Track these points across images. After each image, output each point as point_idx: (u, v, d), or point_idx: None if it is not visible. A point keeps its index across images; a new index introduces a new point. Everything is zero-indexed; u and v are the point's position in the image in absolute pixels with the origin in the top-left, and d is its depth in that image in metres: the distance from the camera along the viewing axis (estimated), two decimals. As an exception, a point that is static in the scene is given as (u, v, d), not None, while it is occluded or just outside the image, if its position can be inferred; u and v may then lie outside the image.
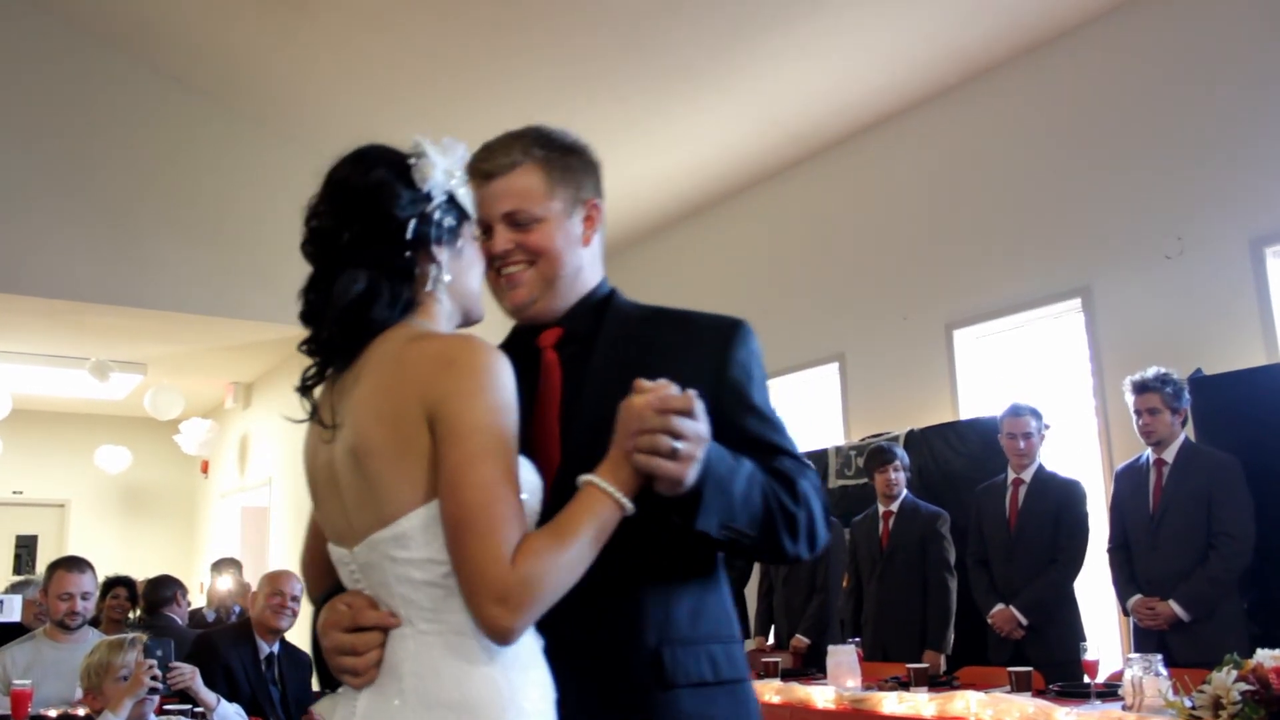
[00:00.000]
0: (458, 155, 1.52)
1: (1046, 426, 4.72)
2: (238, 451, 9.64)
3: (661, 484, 1.32)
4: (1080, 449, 5.19)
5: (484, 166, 1.58)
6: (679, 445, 1.29)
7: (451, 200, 1.49)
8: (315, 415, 1.45)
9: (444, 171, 1.48)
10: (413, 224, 1.44)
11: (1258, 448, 4.11)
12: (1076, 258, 5.22)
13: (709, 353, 1.56)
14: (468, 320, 1.57)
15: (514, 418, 1.34)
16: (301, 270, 1.48)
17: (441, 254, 1.48)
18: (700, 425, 1.32)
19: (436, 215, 1.46)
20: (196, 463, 10.60)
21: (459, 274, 1.51)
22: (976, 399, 5.67)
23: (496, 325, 1.66)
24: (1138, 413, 4.18)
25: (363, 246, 1.44)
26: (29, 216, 6.45)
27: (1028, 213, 5.49)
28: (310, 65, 6.60)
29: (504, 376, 1.34)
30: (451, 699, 1.30)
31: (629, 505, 1.33)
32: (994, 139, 5.74)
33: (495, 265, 1.59)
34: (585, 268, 1.64)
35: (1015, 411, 4.67)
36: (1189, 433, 4.25)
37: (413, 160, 1.48)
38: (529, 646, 1.36)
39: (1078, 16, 5.25)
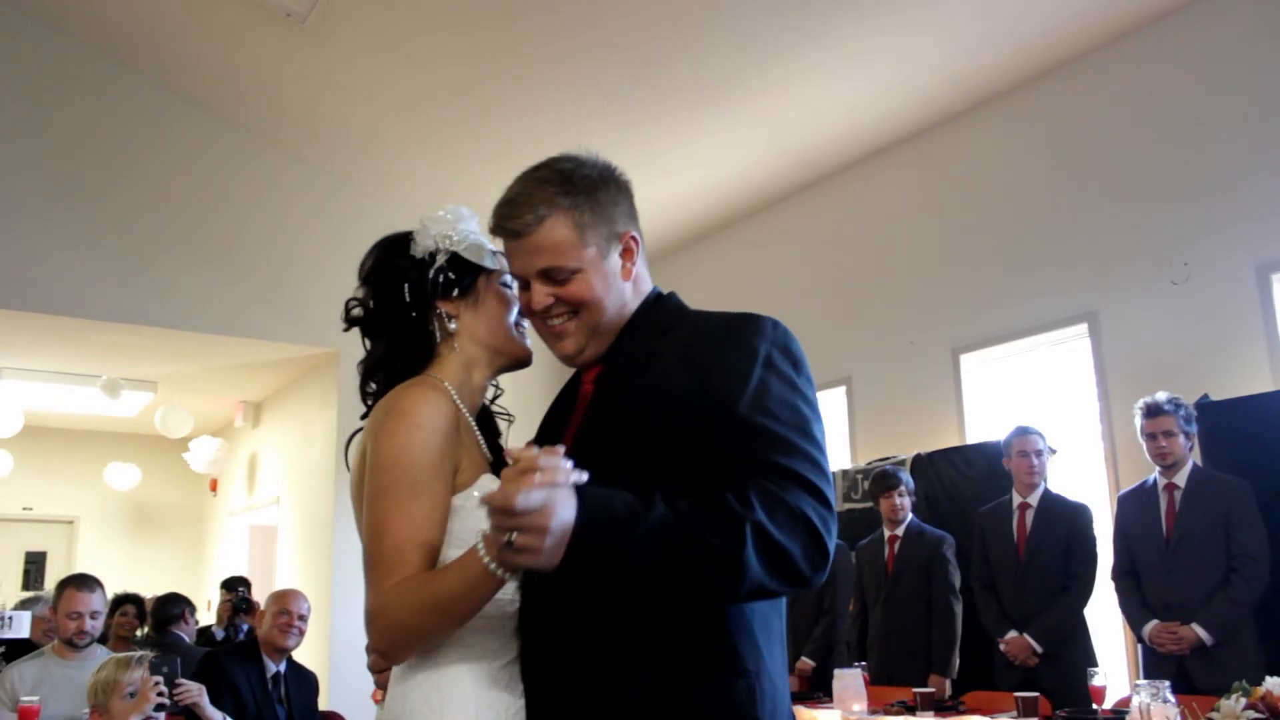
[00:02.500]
0: (457, 217, 1.65)
1: (1052, 450, 4.73)
2: (246, 470, 9.66)
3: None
4: (1086, 473, 5.19)
5: (509, 225, 1.53)
6: (513, 539, 1.21)
7: (455, 257, 1.63)
8: None
9: (435, 235, 1.63)
10: (407, 286, 1.62)
11: (1264, 473, 4.10)
12: (1083, 283, 5.24)
13: (699, 362, 1.44)
14: (511, 363, 1.68)
15: (428, 455, 1.45)
16: (311, 291, 1.60)
17: (449, 306, 1.63)
18: (539, 512, 1.20)
19: (432, 274, 1.62)
20: (205, 481, 10.63)
21: (472, 321, 1.63)
22: (983, 423, 5.68)
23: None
24: (1151, 435, 4.16)
25: (379, 318, 1.65)
26: (42, 234, 6.51)
27: (1034, 238, 5.51)
28: (322, 86, 6.66)
29: (425, 417, 1.46)
30: (395, 714, 1.48)
31: (499, 573, 1.31)
32: (1000, 165, 5.77)
33: (540, 316, 1.58)
34: (629, 300, 1.59)
35: (1024, 431, 4.68)
36: (1195, 458, 4.25)
37: (412, 235, 1.66)
38: (485, 668, 1.47)
39: (1083, 45, 5.28)
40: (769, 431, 1.37)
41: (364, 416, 1.63)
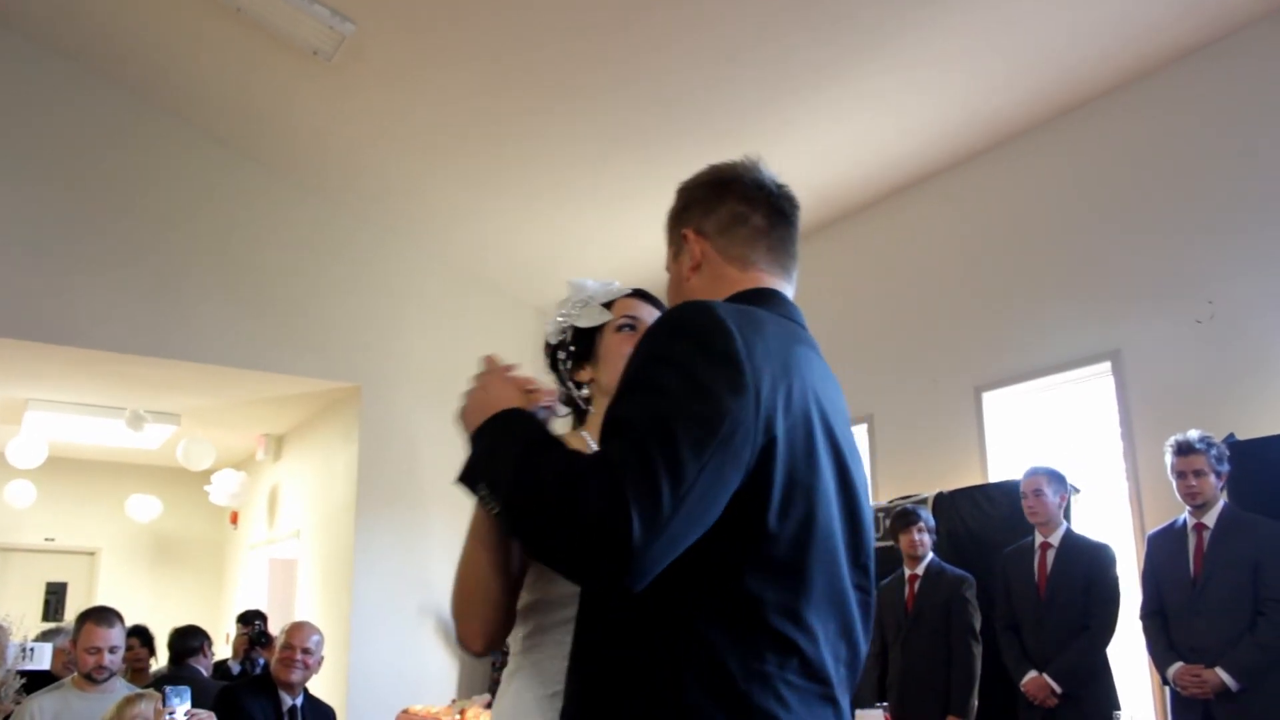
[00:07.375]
0: (573, 290, 1.80)
1: (1075, 490, 4.68)
2: (267, 503, 9.69)
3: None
4: (1110, 513, 5.13)
5: None
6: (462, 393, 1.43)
7: (575, 330, 1.78)
8: None
9: (557, 320, 1.82)
10: (555, 375, 1.82)
11: (1293, 514, 4.04)
12: (1106, 321, 5.20)
13: None
14: None
15: None
16: (334, 325, 1.59)
17: (582, 375, 1.78)
18: (481, 374, 1.46)
19: (563, 355, 1.80)
20: (226, 514, 10.67)
21: (602, 375, 1.76)
22: (1006, 462, 5.63)
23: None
24: (1181, 474, 4.10)
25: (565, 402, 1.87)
26: (68, 269, 6.59)
27: (1057, 276, 5.49)
28: (345, 121, 6.73)
29: None
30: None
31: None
32: (1023, 203, 5.76)
33: None
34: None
35: (1031, 471, 4.70)
36: (1225, 498, 4.19)
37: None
38: (543, 692, 1.54)
39: (1107, 82, 5.28)
40: (608, 423, 1.23)
41: None
